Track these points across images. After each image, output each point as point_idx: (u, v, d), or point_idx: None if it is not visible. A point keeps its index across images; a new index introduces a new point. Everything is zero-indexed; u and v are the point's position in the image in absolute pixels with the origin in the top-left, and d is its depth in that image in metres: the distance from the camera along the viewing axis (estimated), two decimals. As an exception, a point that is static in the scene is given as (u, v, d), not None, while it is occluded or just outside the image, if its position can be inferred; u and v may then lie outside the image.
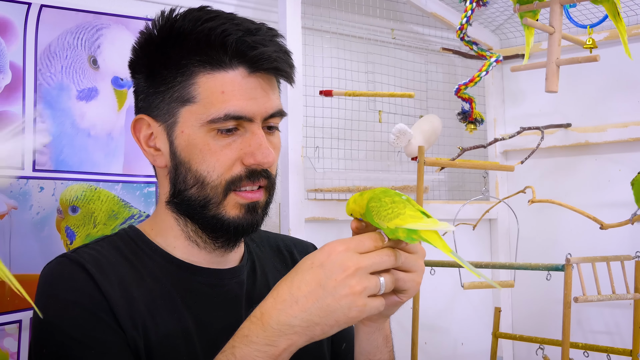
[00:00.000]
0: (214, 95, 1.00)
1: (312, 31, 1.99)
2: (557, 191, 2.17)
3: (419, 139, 1.87)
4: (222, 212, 1.03)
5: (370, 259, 0.86)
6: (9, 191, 1.42)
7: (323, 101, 2.00)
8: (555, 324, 1.86)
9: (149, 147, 1.08)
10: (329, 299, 0.84)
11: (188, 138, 1.02)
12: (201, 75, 1.01)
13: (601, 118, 2.11)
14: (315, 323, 0.85)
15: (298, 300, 0.85)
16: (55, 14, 1.50)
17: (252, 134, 1.02)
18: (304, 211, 1.82)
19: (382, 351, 1.05)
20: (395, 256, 0.88)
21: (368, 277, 0.85)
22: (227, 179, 1.01)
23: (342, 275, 0.84)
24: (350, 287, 0.83)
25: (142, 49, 1.07)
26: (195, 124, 1.01)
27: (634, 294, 1.70)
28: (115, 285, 0.99)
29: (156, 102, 1.05)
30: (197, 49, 1.01)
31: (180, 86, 1.02)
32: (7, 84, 1.43)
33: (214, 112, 1.00)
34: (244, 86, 1.01)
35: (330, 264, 0.85)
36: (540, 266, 1.64)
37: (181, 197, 1.04)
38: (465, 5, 1.74)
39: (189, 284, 1.05)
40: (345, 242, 0.87)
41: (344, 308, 0.84)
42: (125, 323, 0.97)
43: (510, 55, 2.28)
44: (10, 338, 1.41)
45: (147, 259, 1.06)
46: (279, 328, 0.85)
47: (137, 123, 1.08)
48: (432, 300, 2.12)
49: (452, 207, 2.16)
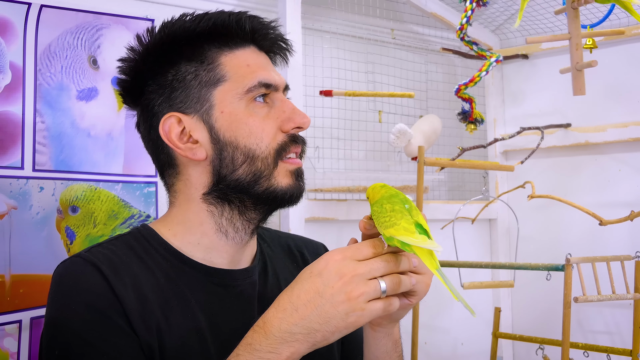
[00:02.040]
0: (242, 69, 1.06)
1: (312, 31, 1.99)
2: (557, 191, 2.16)
3: (419, 139, 1.87)
4: (274, 183, 1.05)
5: (367, 265, 0.87)
6: (9, 191, 1.42)
7: (323, 101, 2.00)
8: (555, 324, 1.86)
9: (184, 143, 1.06)
10: (327, 306, 0.85)
11: (230, 116, 1.04)
12: (223, 56, 1.06)
13: (601, 118, 2.11)
14: (315, 330, 0.86)
15: (298, 308, 0.87)
16: (55, 14, 1.50)
17: (281, 101, 1.07)
18: (304, 211, 1.82)
19: (392, 356, 1.05)
20: (396, 261, 0.89)
21: (366, 283, 0.86)
22: (275, 148, 1.04)
23: (339, 283, 0.85)
24: (346, 294, 0.85)
25: (146, 58, 1.08)
26: (233, 100, 1.04)
27: (634, 294, 1.70)
28: (129, 287, 0.99)
29: (180, 98, 1.05)
30: (212, 34, 1.06)
31: (205, 71, 1.05)
32: (7, 84, 1.43)
33: (248, 82, 1.05)
34: (261, 60, 1.09)
35: (328, 273, 0.87)
36: (540, 266, 1.64)
37: (227, 181, 1.04)
38: (465, 5, 1.74)
39: (202, 285, 1.06)
40: (343, 251, 0.88)
41: (342, 314, 0.85)
42: (138, 326, 0.97)
43: (510, 55, 2.29)
44: (10, 338, 1.41)
45: (161, 259, 1.06)
46: (281, 336, 0.87)
47: (166, 123, 1.06)
48: (432, 300, 2.12)
49: (452, 207, 2.16)
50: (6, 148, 1.43)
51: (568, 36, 1.51)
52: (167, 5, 1.67)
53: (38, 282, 1.44)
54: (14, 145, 1.44)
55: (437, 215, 2.14)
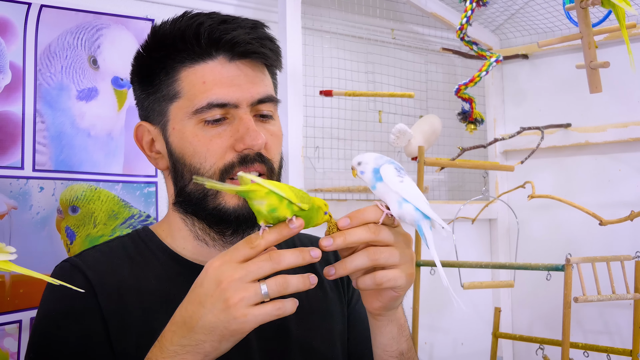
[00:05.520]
0: (196, 86, 1.02)
1: (312, 31, 1.99)
2: (557, 191, 2.16)
3: (419, 139, 1.87)
4: (222, 202, 1.03)
5: (244, 268, 0.84)
6: (9, 191, 1.42)
7: (323, 101, 2.00)
8: (555, 324, 1.86)
9: (151, 152, 1.10)
10: (209, 315, 0.84)
11: (179, 133, 1.04)
12: (183, 70, 1.03)
13: (601, 118, 2.11)
14: (202, 341, 0.85)
15: (186, 321, 0.86)
16: (55, 14, 1.50)
17: (239, 120, 1.03)
18: (304, 211, 1.82)
19: (399, 341, 1.03)
20: (278, 259, 0.84)
21: (245, 287, 0.83)
22: (220, 167, 1.02)
23: (217, 290, 0.83)
24: (225, 301, 0.83)
25: (135, 60, 1.11)
26: (183, 118, 1.03)
27: (634, 294, 1.70)
28: (114, 293, 1.01)
29: (150, 106, 1.08)
30: (176, 45, 1.03)
31: (166, 84, 1.05)
32: (7, 84, 1.43)
33: (198, 102, 1.01)
34: (224, 74, 1.02)
35: (207, 281, 0.85)
36: (540, 266, 1.64)
37: (183, 195, 1.06)
38: (465, 5, 1.74)
39: None
40: (222, 256, 0.86)
41: (224, 322, 0.83)
42: (117, 332, 0.99)
43: (510, 55, 2.29)
44: (10, 338, 1.41)
45: (155, 260, 1.07)
46: (174, 349, 0.86)
47: (139, 131, 1.11)
48: (432, 300, 2.12)
49: (452, 207, 2.16)
50: (6, 148, 1.42)
51: (580, 36, 1.51)
52: (167, 5, 1.67)
53: (38, 283, 1.43)
54: (14, 145, 1.44)
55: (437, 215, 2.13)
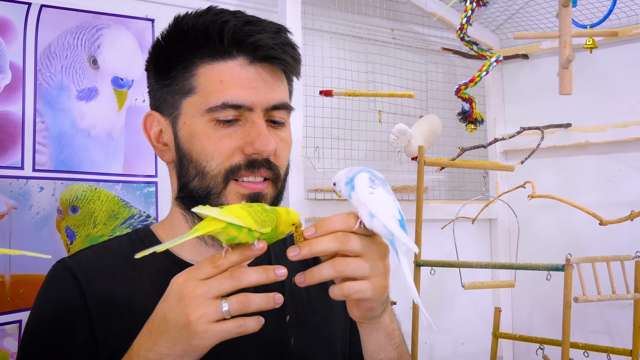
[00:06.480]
0: (212, 84, 1.01)
1: (312, 31, 1.99)
2: (557, 191, 2.16)
3: (419, 139, 1.87)
4: (224, 202, 1.02)
5: (206, 285, 0.84)
6: (9, 191, 1.42)
7: (323, 101, 1.99)
8: (555, 324, 1.86)
9: (158, 142, 1.10)
10: (172, 330, 0.85)
11: (189, 129, 1.03)
12: (201, 66, 1.03)
13: (601, 118, 2.11)
14: (165, 355, 0.86)
15: (151, 334, 0.87)
16: (55, 14, 1.50)
17: (252, 123, 1.02)
18: (304, 211, 1.82)
19: (387, 349, 1.02)
20: (240, 276, 0.85)
21: (206, 304, 0.84)
22: (226, 168, 1.02)
23: (180, 306, 0.84)
24: (186, 317, 0.84)
25: (153, 48, 1.10)
26: (195, 114, 1.02)
27: (634, 294, 1.70)
28: (104, 296, 1.02)
29: (163, 97, 1.07)
30: (198, 40, 1.02)
31: (182, 78, 1.04)
32: (7, 84, 1.43)
33: (212, 100, 1.01)
34: (243, 75, 1.01)
35: (172, 296, 0.86)
36: (540, 266, 1.64)
37: (186, 190, 1.05)
38: (465, 5, 1.74)
39: None
40: (187, 272, 0.87)
41: (186, 337, 0.84)
42: (104, 333, 1.00)
43: (510, 55, 2.29)
44: (10, 338, 1.41)
45: (150, 260, 1.05)
46: None
47: (148, 120, 1.10)
48: (432, 300, 2.12)
49: (452, 207, 2.16)
50: (6, 148, 1.43)
51: (557, 34, 1.51)
52: (167, 5, 1.67)
53: (38, 282, 1.43)
54: (14, 145, 1.44)
55: (437, 215, 2.14)
